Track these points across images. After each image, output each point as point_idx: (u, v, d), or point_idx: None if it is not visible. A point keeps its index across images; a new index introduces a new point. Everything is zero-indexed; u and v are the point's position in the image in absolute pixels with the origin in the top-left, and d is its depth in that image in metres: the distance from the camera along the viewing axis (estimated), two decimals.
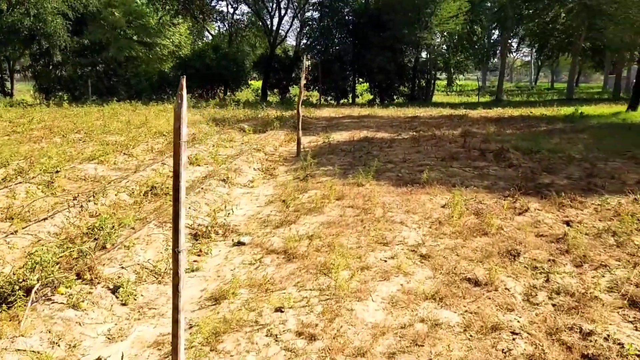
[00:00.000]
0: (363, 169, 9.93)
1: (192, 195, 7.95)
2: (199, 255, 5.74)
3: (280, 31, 41.23)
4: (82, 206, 7.04)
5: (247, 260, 5.49)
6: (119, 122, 18.29)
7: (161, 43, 38.71)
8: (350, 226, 6.52)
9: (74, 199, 7.17)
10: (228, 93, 38.63)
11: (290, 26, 44.36)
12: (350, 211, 7.25)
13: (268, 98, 38.42)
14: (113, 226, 6.07)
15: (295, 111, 13.43)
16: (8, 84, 35.52)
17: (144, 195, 8.26)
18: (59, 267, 4.74)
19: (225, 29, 47.32)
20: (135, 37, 36.79)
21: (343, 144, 14.56)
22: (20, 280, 4.20)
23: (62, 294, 4.22)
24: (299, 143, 13.03)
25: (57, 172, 9.48)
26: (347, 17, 38.98)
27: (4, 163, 10.10)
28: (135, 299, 4.59)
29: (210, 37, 47.79)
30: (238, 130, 17.18)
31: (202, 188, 8.42)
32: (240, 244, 6.06)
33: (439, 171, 9.96)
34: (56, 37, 31.96)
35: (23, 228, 6.03)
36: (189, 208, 7.25)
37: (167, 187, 8.55)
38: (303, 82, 13.70)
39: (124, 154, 11.99)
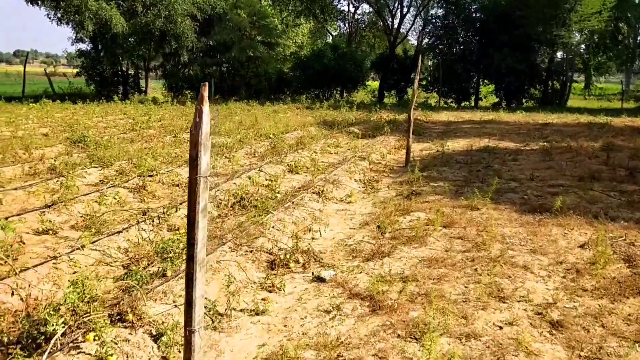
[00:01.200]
0: (479, 188, 8.52)
1: (281, 210, 7.14)
2: (270, 292, 4.86)
3: (401, 30, 39.91)
4: (159, 218, 6.51)
5: (323, 306, 4.50)
6: (231, 122, 18.27)
7: (284, 43, 39.20)
8: (457, 267, 5.27)
9: (143, 214, 6.64)
10: (344, 94, 38.10)
11: (412, 25, 42.62)
12: (459, 244, 5.98)
13: (384, 99, 37.29)
14: (181, 250, 5.39)
15: (407, 115, 12.21)
16: (142, 82, 37.96)
17: (230, 207, 7.63)
18: (101, 303, 4.09)
19: (345, 28, 46.93)
20: (258, 38, 37.58)
21: (459, 154, 13.07)
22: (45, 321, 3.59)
23: (91, 342, 3.53)
24: (408, 151, 11.83)
25: (151, 175, 9.23)
26: (474, 15, 36.63)
27: (108, 163, 10.07)
28: (180, 351, 3.80)
29: (330, 38, 47.63)
30: (347, 134, 16.31)
31: (292, 202, 7.59)
32: (320, 280, 5.09)
33: (576, 195, 8.24)
34: (184, 38, 33.48)
35: (93, 242, 5.56)
36: (272, 227, 6.43)
37: (257, 199, 7.84)
38: (417, 83, 12.44)
39: (225, 157, 11.61)
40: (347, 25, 46.15)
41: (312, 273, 5.25)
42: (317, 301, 4.59)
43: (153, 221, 6.40)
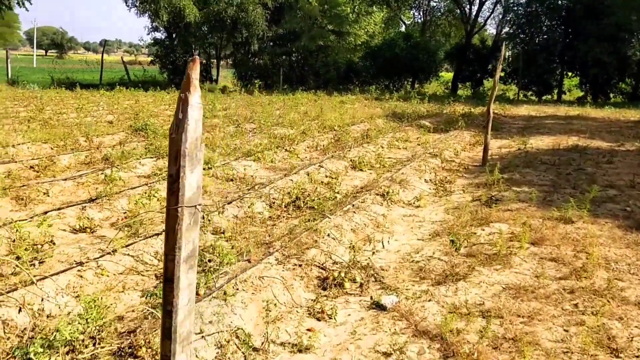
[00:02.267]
0: (572, 195, 7.32)
1: (339, 215, 6.32)
2: (318, 319, 4.05)
3: (479, 18, 37.83)
4: (203, 218, 5.86)
5: (382, 345, 3.63)
6: (296, 112, 17.65)
7: (354, 32, 38.19)
8: (551, 300, 4.24)
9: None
10: (416, 85, 36.65)
11: (492, 13, 40.52)
12: (553, 268, 4.92)
13: (458, 92, 35.50)
14: (222, 258, 4.69)
15: (486, 108, 11.03)
16: (213, 71, 38.26)
17: (284, 207, 6.89)
18: (112, 332, 3.44)
19: (419, 17, 45.25)
20: (329, 27, 36.81)
21: (544, 153, 11.70)
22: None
23: None
24: (486, 149, 10.65)
25: (210, 168, 8.67)
26: (559, 2, 34.01)
27: (164, 153, 9.63)
28: None
29: (403, 27, 46.09)
30: (417, 128, 15.22)
31: (352, 205, 6.75)
32: (379, 307, 4.22)
33: None
34: (255, 27, 33.30)
35: (126, 246, 4.98)
36: (328, 235, 5.62)
37: (314, 199, 7.06)
38: (499, 74, 11.19)
39: (286, 150, 10.93)
40: (421, 13, 44.46)
41: (371, 297, 4.39)
42: (374, 338, 3.74)
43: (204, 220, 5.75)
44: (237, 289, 4.17)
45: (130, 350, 3.22)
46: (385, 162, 9.94)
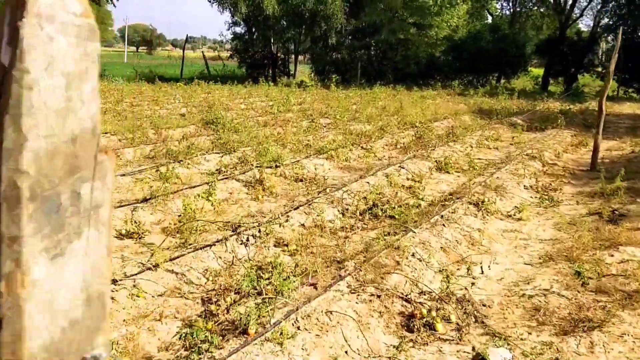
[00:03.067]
0: None
1: (425, 228, 5.26)
2: None
3: (575, 9, 34.88)
4: (263, 228, 4.98)
5: None
6: (374, 107, 16.63)
7: (436, 25, 36.45)
8: None
9: (234, 231, 5.09)
10: (502, 80, 34.41)
11: (589, 2, 37.12)
12: None
13: (549, 88, 32.90)
14: (283, 277, 3.78)
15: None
16: (291, 66, 37.95)
17: (360, 215, 5.91)
18: None
19: (508, 8, 42.58)
20: (409, 19, 35.38)
21: None
22: None
23: None
24: (595, 151, 9.12)
25: (277, 166, 7.85)
26: None
27: (231, 149, 8.92)
28: None
29: (490, 19, 43.58)
30: (508, 125, 13.72)
31: (441, 216, 5.65)
32: None
33: None
34: (334, 20, 32.51)
35: (171, 259, 4.19)
36: (412, 255, 4.57)
37: (394, 206, 6.03)
38: (613, 66, 9.59)
39: (362, 147, 9.94)
40: (510, 4, 41.79)
41: (473, 348, 3.31)
42: None
43: (253, 236, 4.87)
44: (298, 328, 3.24)
45: None
46: (475, 164, 8.70)
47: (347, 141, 10.21)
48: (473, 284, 4.16)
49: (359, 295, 3.77)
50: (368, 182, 7.09)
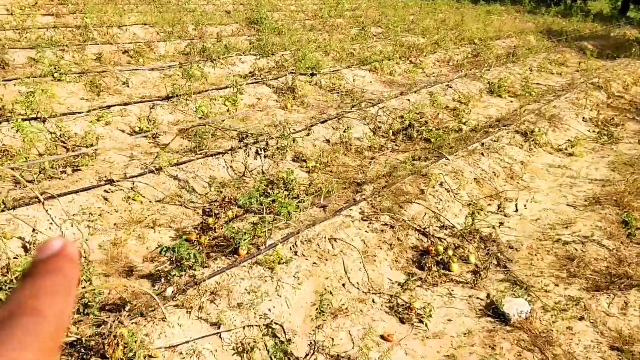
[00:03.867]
0: None
1: (461, 155, 4.77)
2: (402, 321, 2.73)
3: None
4: (282, 139, 4.61)
5: None
6: (433, 19, 15.48)
7: None
8: None
9: (251, 141, 4.70)
10: (578, 0, 31.44)
11: None
12: None
13: (628, 13, 29.87)
14: (293, 196, 3.46)
15: None
16: None
17: (392, 135, 5.44)
18: (99, 302, 2.39)
19: None
20: None
21: None
22: None
23: None
24: None
25: (313, 74, 7.33)
26: None
27: (269, 51, 8.40)
28: None
29: None
30: (576, 50, 12.48)
31: (481, 144, 5.12)
32: (498, 316, 2.78)
33: None
34: None
35: (177, 164, 3.92)
36: (440, 185, 4.14)
37: (432, 128, 5.52)
38: None
39: (411, 61, 9.22)
40: None
41: (488, 295, 2.96)
42: None
43: (268, 146, 4.51)
44: (295, 253, 2.95)
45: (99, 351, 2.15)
46: (532, 89, 7.92)
47: (396, 53, 9.50)
48: (502, 223, 3.73)
49: (370, 223, 3.42)
50: (408, 100, 6.53)
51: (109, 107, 4.95)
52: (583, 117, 6.86)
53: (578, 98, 7.47)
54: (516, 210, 4.07)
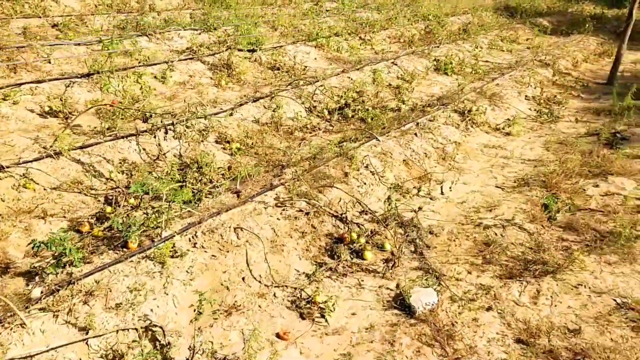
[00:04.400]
0: None
1: (393, 136, 4.62)
2: (302, 317, 2.59)
3: None
4: (208, 120, 4.37)
5: None
6: None
7: None
8: None
9: (143, 121, 4.42)
10: None
11: None
12: None
13: None
14: (206, 180, 3.24)
15: (622, 12, 8.33)
16: None
17: (328, 115, 5.25)
18: None
19: None
20: None
21: None
22: None
23: None
24: (616, 63, 8.13)
25: (254, 51, 7.03)
26: None
27: (211, 26, 8.02)
28: None
29: None
30: (530, 27, 12.44)
31: (416, 124, 4.98)
32: (404, 308, 2.67)
33: None
34: None
35: (82, 147, 3.65)
36: (365, 167, 3.98)
37: (368, 108, 5.36)
38: None
39: (360, 38, 9.00)
40: None
41: (397, 285, 2.84)
42: None
43: (184, 127, 4.26)
44: (195, 245, 2.76)
45: None
46: (479, 67, 7.82)
47: (346, 30, 9.26)
48: (421, 208, 3.60)
49: (284, 210, 3.25)
50: (350, 77, 6.34)
51: (19, 85, 4.60)
52: (526, 96, 6.80)
53: (522, 76, 7.40)
54: (442, 193, 3.96)
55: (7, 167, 3.17)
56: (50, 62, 5.70)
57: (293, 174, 3.65)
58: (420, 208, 3.57)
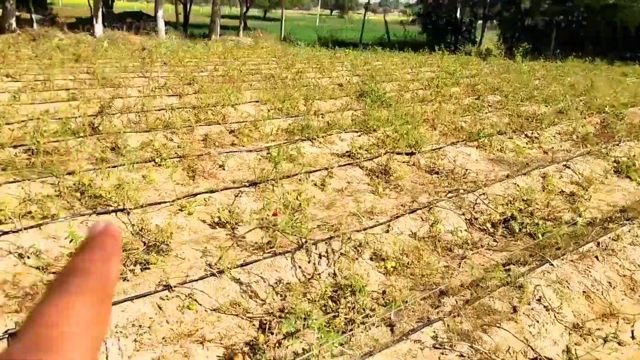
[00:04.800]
0: None
1: (567, 259, 4.07)
2: None
3: None
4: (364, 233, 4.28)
5: None
6: (560, 84, 14.53)
7: None
8: None
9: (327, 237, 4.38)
10: None
11: None
12: None
13: None
14: (360, 308, 3.09)
15: None
16: (478, 33, 35.60)
17: (491, 228, 4.87)
18: None
19: None
20: None
21: None
22: None
23: None
24: None
25: (412, 154, 6.97)
26: None
27: (371, 127, 8.23)
28: None
29: None
30: None
31: (597, 244, 4.35)
32: None
33: None
34: None
35: (242, 265, 3.76)
36: (537, 301, 3.51)
37: (538, 221, 4.86)
38: None
39: (526, 135, 8.52)
40: None
41: None
42: None
43: (326, 246, 4.19)
44: None
45: None
46: None
47: (511, 126, 8.88)
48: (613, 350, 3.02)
49: (443, 353, 2.93)
50: (516, 184, 5.91)
51: (194, 195, 5.02)
52: None
53: None
54: (633, 337, 3.31)
55: (176, 286, 3.36)
56: (224, 169, 6.20)
57: (453, 307, 3.34)
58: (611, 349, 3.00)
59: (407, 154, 6.91)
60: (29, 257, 3.66)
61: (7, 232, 3.82)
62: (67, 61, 13.96)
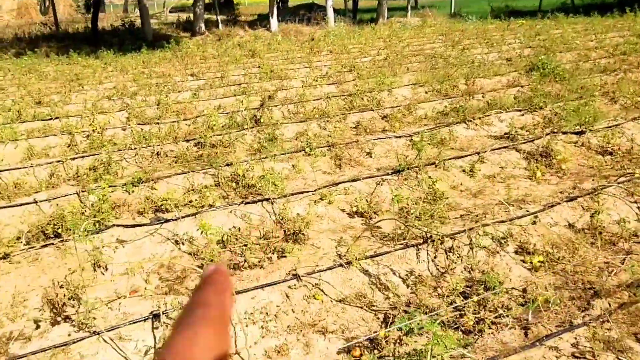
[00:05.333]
0: None
1: None
2: None
3: None
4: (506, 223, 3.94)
5: None
6: None
7: None
8: None
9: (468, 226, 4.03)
10: None
11: None
12: None
13: None
14: (492, 307, 2.88)
15: None
16: None
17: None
18: None
19: None
20: None
21: None
22: None
23: None
24: None
25: (581, 132, 6.18)
26: None
27: (536, 105, 7.51)
28: None
29: None
30: None
31: None
32: None
33: None
34: None
35: (372, 256, 3.73)
36: None
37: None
38: None
39: None
40: None
41: None
42: None
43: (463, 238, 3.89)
44: None
45: None
46: None
47: None
48: None
49: None
50: None
51: (337, 184, 5.09)
52: None
53: None
54: None
55: (303, 275, 3.46)
56: (371, 156, 6.19)
57: (603, 311, 2.91)
58: None
59: (575, 133, 6.17)
60: (183, 244, 4.08)
61: (168, 221, 4.30)
62: (243, 57, 15.15)
